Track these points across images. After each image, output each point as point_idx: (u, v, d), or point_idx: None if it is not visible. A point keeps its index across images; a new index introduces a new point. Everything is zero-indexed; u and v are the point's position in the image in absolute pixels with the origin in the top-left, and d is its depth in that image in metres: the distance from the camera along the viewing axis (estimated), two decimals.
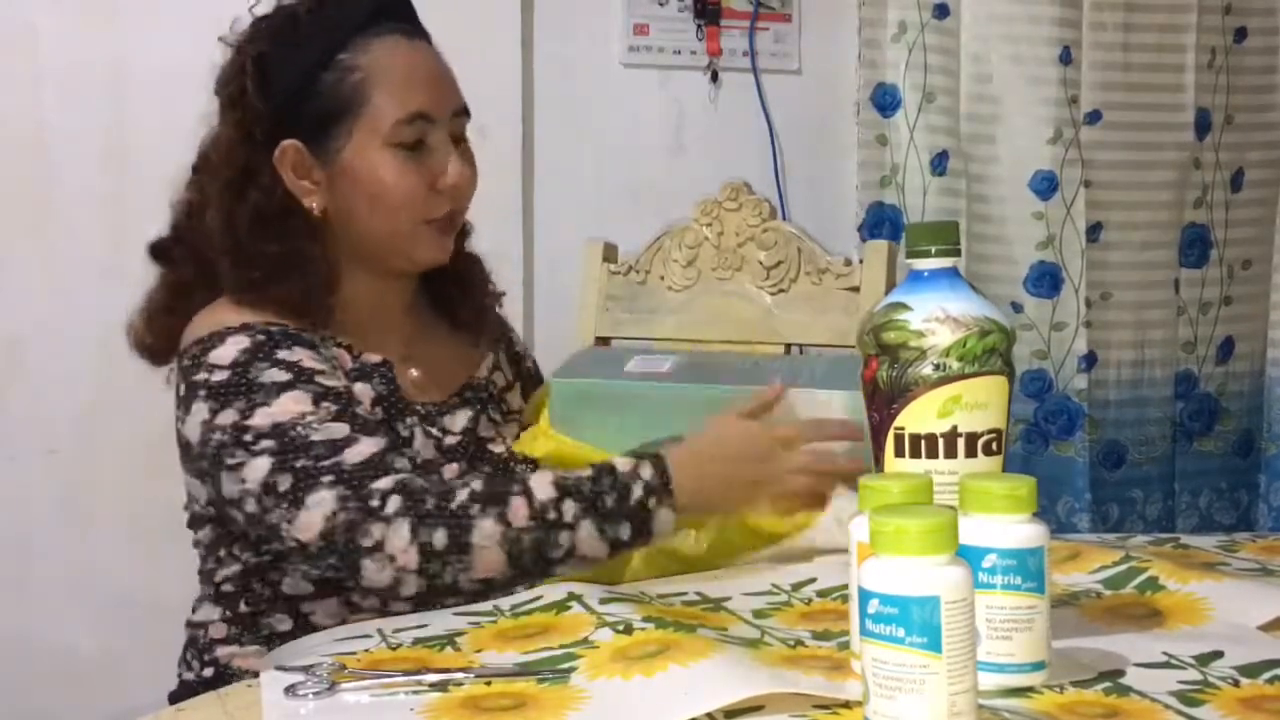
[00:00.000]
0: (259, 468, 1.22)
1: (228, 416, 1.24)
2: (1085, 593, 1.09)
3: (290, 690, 0.92)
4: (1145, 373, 2.60)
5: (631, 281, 1.77)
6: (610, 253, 1.79)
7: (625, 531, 1.22)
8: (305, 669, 0.95)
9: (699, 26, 2.46)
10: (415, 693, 0.91)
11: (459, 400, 1.43)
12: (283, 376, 1.26)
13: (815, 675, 0.88)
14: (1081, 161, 2.49)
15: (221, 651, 1.34)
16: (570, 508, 1.20)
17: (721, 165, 2.22)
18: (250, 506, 1.23)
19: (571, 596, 1.10)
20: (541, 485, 1.21)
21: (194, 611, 1.39)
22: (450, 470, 1.23)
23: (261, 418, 1.23)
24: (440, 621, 1.09)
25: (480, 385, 1.46)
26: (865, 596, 0.76)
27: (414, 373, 1.40)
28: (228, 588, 1.35)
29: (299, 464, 1.20)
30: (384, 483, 1.19)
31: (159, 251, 1.42)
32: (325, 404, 1.25)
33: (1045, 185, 2.49)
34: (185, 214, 1.40)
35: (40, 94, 2.08)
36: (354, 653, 1.01)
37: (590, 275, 1.79)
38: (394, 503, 1.18)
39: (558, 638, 1.01)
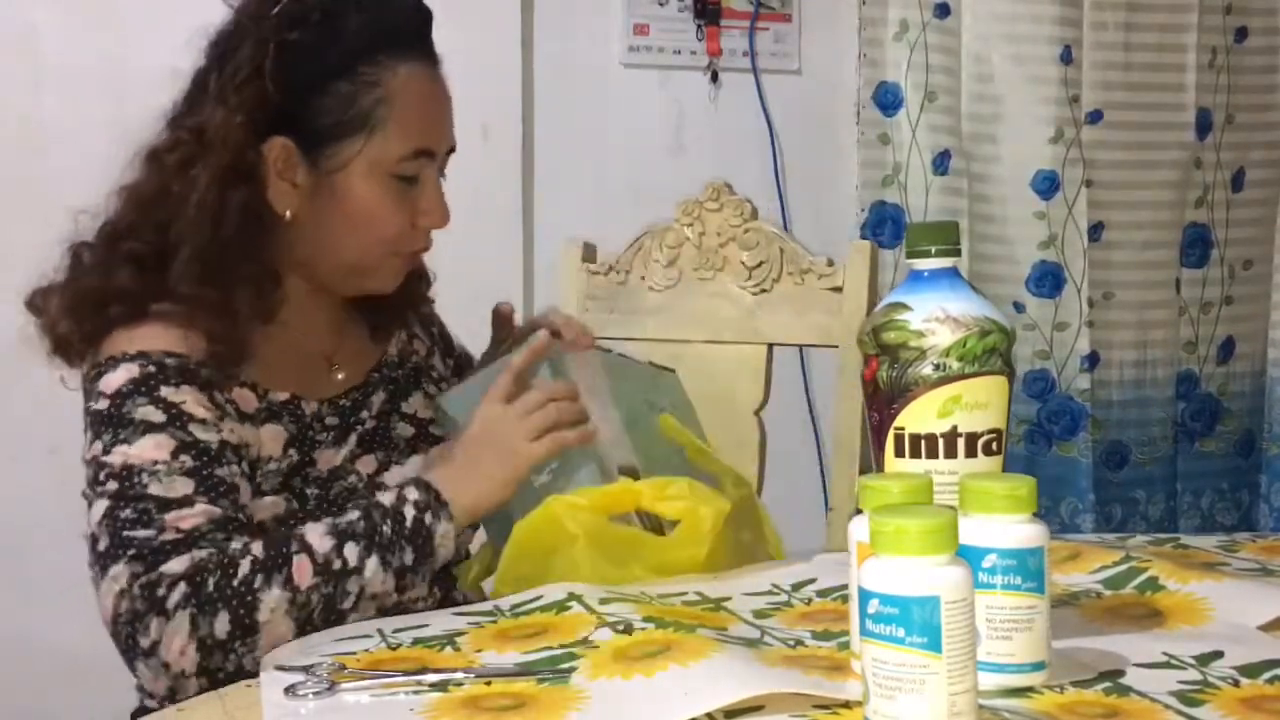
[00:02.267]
0: (98, 511, 1.18)
1: (95, 449, 1.20)
2: (1085, 593, 1.09)
3: (290, 690, 0.92)
4: (1147, 373, 2.60)
5: (612, 282, 1.77)
6: (589, 253, 1.79)
7: (409, 556, 1.18)
8: (305, 669, 0.95)
9: (699, 26, 2.47)
10: (415, 693, 0.91)
11: (375, 381, 1.39)
12: (155, 417, 1.20)
13: (815, 675, 0.88)
14: (1083, 161, 2.49)
15: None
16: (352, 550, 1.16)
17: (721, 165, 2.22)
18: (89, 549, 1.19)
19: (572, 596, 1.10)
20: (318, 538, 1.16)
21: None
22: (238, 541, 1.16)
23: (117, 456, 1.18)
24: (440, 621, 1.09)
25: (393, 364, 1.42)
26: (865, 596, 0.76)
27: (337, 367, 1.37)
28: None
29: (124, 515, 1.16)
30: (177, 566, 1.13)
31: (73, 252, 1.37)
32: (183, 457, 1.18)
33: (1047, 185, 2.49)
34: (133, 205, 1.33)
35: (41, 93, 2.08)
36: (354, 653, 1.01)
37: (569, 275, 1.79)
38: (177, 593, 1.12)
39: (558, 638, 1.01)
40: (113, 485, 1.17)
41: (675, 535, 1.23)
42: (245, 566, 1.14)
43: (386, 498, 1.21)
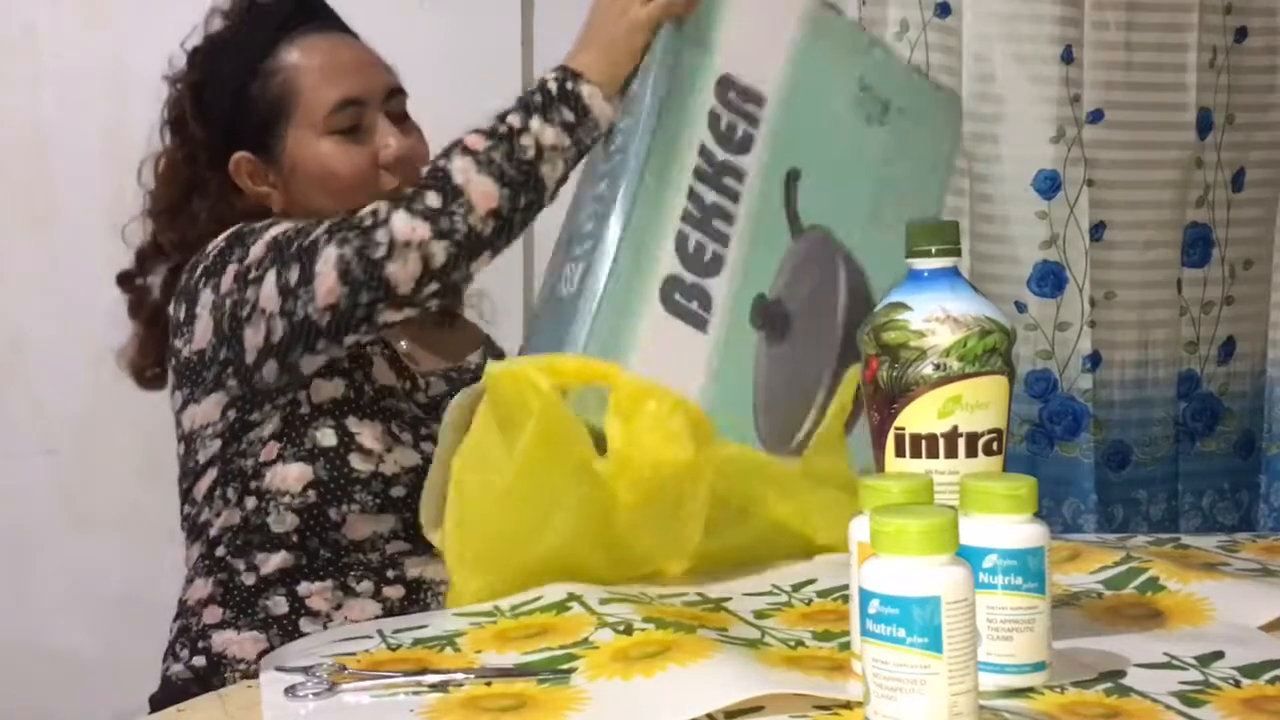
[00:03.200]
0: (269, 283, 1.26)
1: (230, 274, 1.29)
2: (1086, 593, 1.08)
3: (290, 691, 0.92)
4: (1149, 373, 2.59)
5: None
6: None
7: (567, 114, 1.28)
8: (305, 670, 0.95)
9: None
10: (415, 693, 0.91)
11: (445, 376, 1.46)
12: (267, 222, 1.33)
13: (815, 676, 0.88)
14: (1084, 160, 2.48)
15: (217, 638, 1.34)
16: (514, 118, 1.27)
17: None
18: (279, 330, 1.26)
19: (571, 597, 1.10)
20: (478, 126, 1.28)
21: (183, 601, 1.40)
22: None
23: (257, 249, 1.28)
24: (440, 622, 1.09)
25: (467, 370, 1.49)
26: (866, 597, 0.76)
27: (402, 345, 1.44)
28: (220, 550, 1.35)
29: (294, 249, 1.25)
30: (370, 205, 1.24)
31: (123, 280, 1.49)
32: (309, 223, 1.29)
33: (1048, 184, 2.48)
34: (142, 256, 1.49)
35: (40, 94, 2.08)
36: (354, 653, 1.01)
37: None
38: (384, 208, 1.23)
39: (558, 638, 1.01)
40: (269, 257, 1.27)
41: (600, 465, 1.11)
42: (426, 169, 1.29)
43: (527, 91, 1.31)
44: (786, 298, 1.30)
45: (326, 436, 1.34)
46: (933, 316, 0.97)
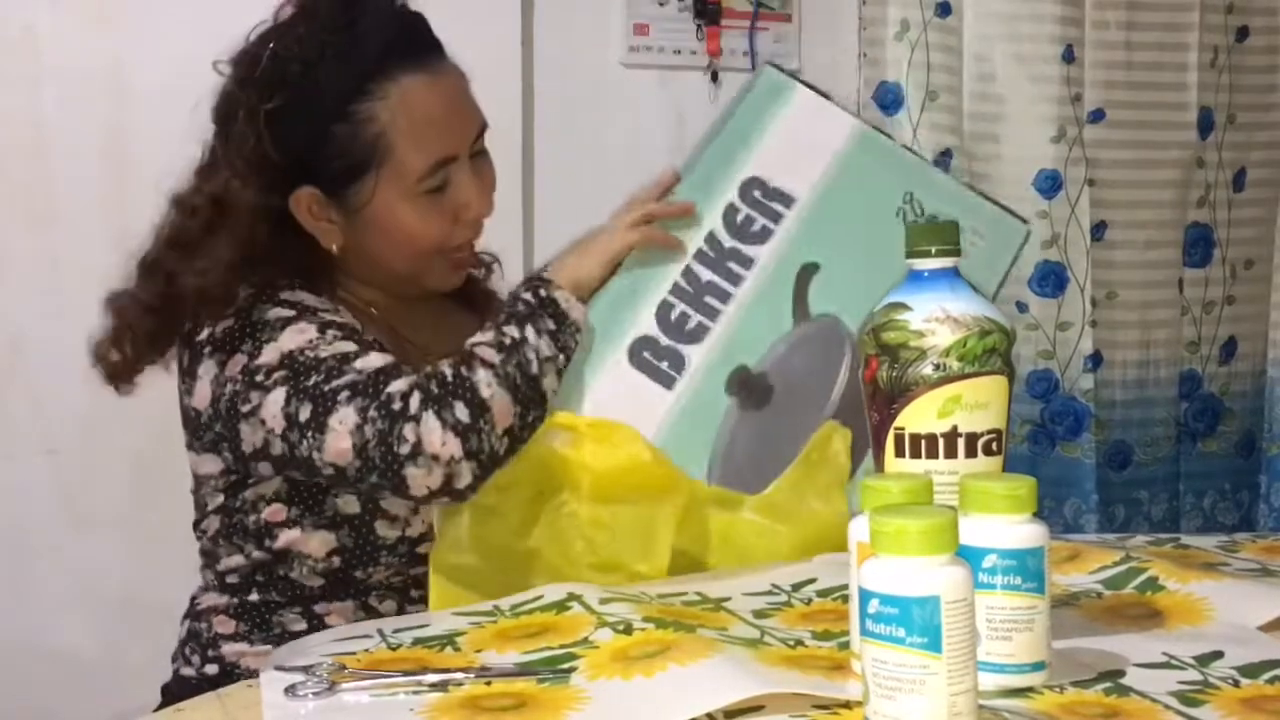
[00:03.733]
0: (275, 401, 1.22)
1: (237, 363, 1.25)
2: (1086, 593, 1.08)
3: (290, 690, 0.92)
4: (1150, 373, 2.59)
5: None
6: None
7: (549, 322, 1.26)
8: (305, 669, 0.95)
9: (699, 26, 2.46)
10: (415, 693, 0.91)
11: None
12: (287, 313, 1.27)
13: (815, 675, 0.88)
14: (1085, 160, 2.49)
15: (229, 649, 1.33)
16: (510, 328, 1.25)
17: None
18: (277, 449, 1.24)
19: (571, 596, 1.10)
20: (478, 337, 1.26)
21: (195, 602, 1.38)
22: (425, 367, 1.25)
23: (269, 353, 1.24)
24: (440, 621, 1.09)
25: None
26: (865, 596, 0.76)
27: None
28: (233, 579, 1.34)
29: (312, 383, 1.21)
30: (399, 384, 1.20)
31: (144, 268, 1.37)
32: (330, 331, 1.25)
33: (1049, 184, 2.49)
34: (166, 245, 1.35)
35: (40, 94, 2.08)
36: (354, 653, 1.01)
37: None
38: (415, 399, 1.19)
39: (558, 638, 1.01)
40: (281, 374, 1.23)
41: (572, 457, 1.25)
42: (447, 368, 1.22)
43: (507, 300, 1.31)
44: (773, 372, 1.32)
45: (349, 504, 1.30)
46: (933, 316, 0.97)
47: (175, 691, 1.33)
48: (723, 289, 1.33)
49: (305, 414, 1.20)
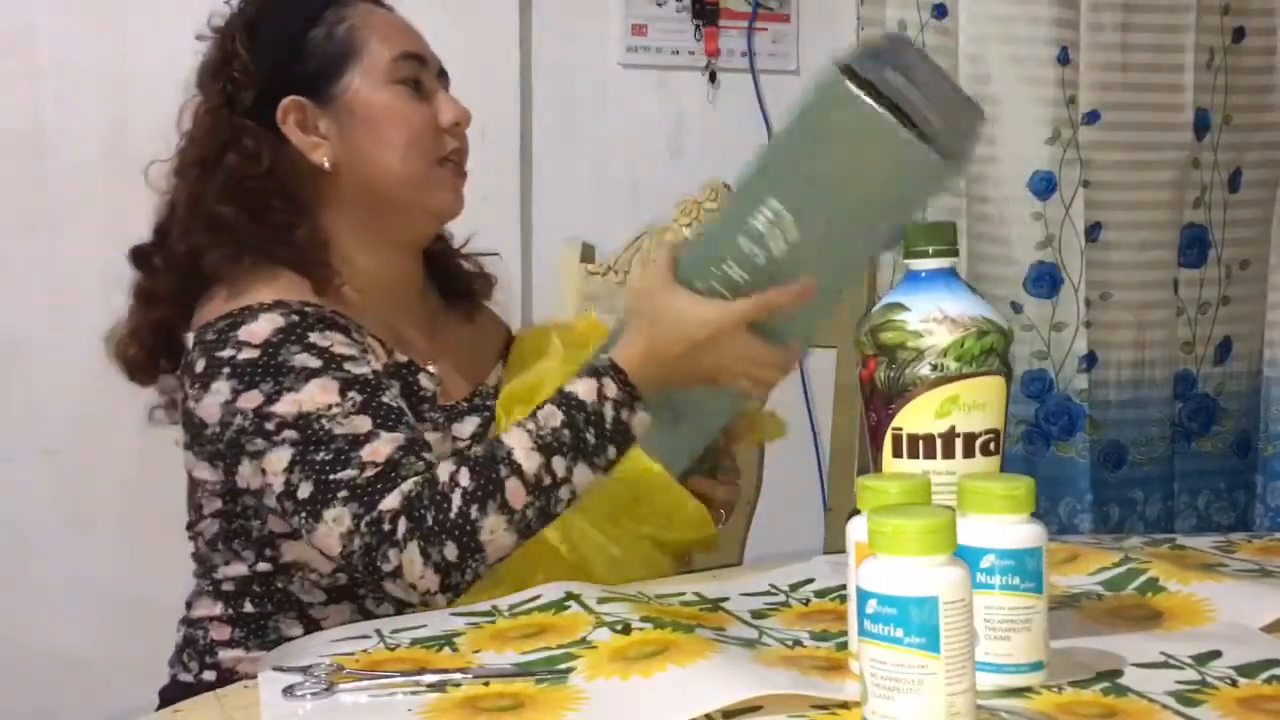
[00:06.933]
0: (280, 460, 1.22)
1: (251, 399, 1.23)
2: (1086, 595, 1.09)
3: (288, 691, 0.92)
4: (1145, 373, 2.60)
5: (610, 282, 1.77)
6: (588, 253, 1.80)
7: (612, 452, 1.24)
8: (303, 669, 0.95)
9: (697, 27, 2.46)
10: (413, 693, 0.91)
11: (468, 406, 1.42)
12: (313, 363, 1.25)
13: (813, 675, 0.88)
14: (1080, 161, 2.49)
15: (225, 655, 1.33)
16: (560, 464, 1.20)
17: (720, 166, 2.20)
18: (271, 501, 1.24)
19: (570, 596, 1.10)
20: (525, 453, 1.20)
21: (190, 607, 1.38)
22: (444, 471, 1.21)
23: (287, 404, 1.22)
24: (438, 622, 1.09)
25: (489, 394, 1.45)
26: (863, 597, 0.76)
27: (432, 369, 1.39)
28: (228, 587, 1.34)
29: (319, 460, 1.20)
30: (392, 501, 1.19)
31: (139, 256, 1.40)
32: (351, 394, 1.24)
33: (1044, 185, 2.49)
34: (168, 214, 1.39)
35: (40, 94, 2.08)
36: (352, 653, 1.01)
37: (567, 276, 1.79)
38: (402, 526, 1.18)
39: (556, 638, 1.01)
40: (292, 434, 1.22)
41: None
42: (457, 499, 1.19)
43: (585, 391, 1.24)
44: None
45: None
46: (930, 317, 0.97)
47: (172, 697, 1.33)
48: None
49: (304, 493, 1.20)
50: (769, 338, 1.26)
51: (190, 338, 1.31)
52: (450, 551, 1.18)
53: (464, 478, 1.19)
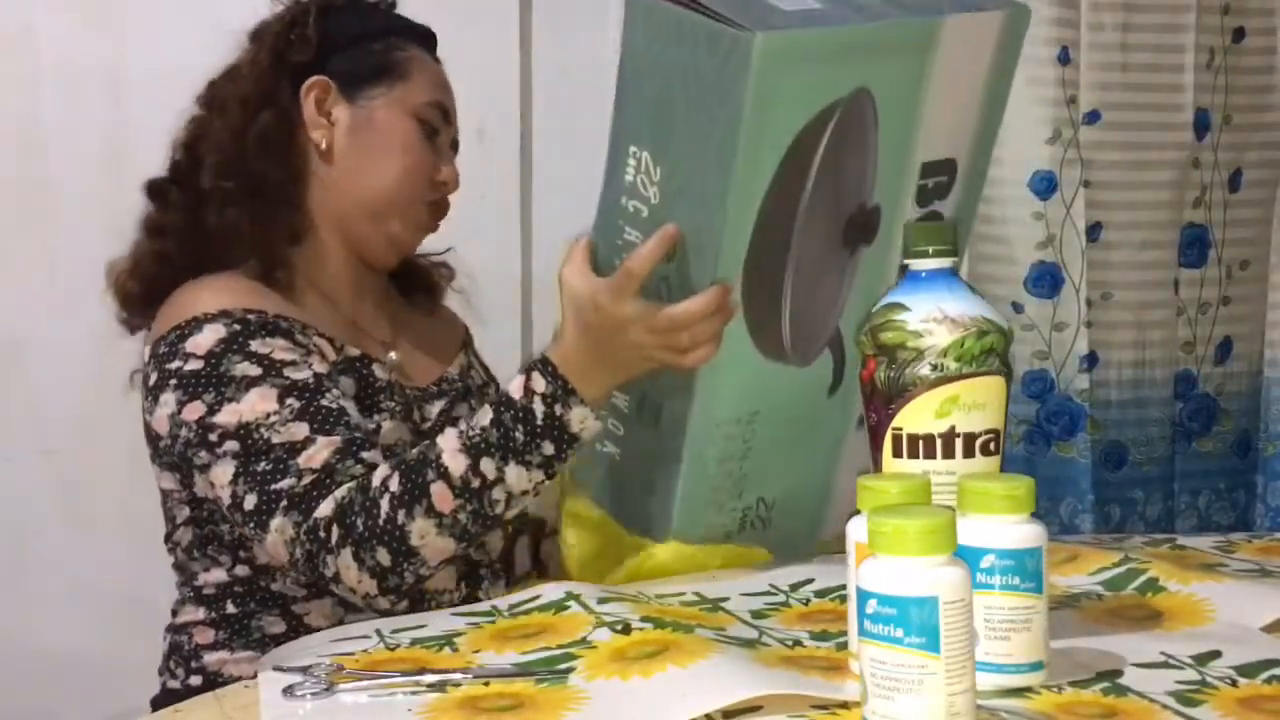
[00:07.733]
0: (225, 473, 1.24)
1: (194, 410, 1.25)
2: (1086, 595, 1.09)
3: (288, 691, 0.92)
4: (1146, 373, 2.59)
5: None
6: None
7: (549, 449, 1.19)
8: (303, 670, 0.95)
9: None
10: (413, 693, 0.91)
11: (436, 391, 1.45)
12: (253, 371, 1.26)
13: (813, 675, 0.88)
14: (1081, 161, 2.48)
15: (210, 658, 1.33)
16: (488, 465, 1.18)
17: None
18: (225, 509, 1.27)
19: (570, 596, 1.10)
20: (452, 455, 1.19)
21: (174, 615, 1.39)
22: (378, 476, 1.20)
23: (228, 415, 1.24)
24: (438, 622, 1.09)
25: (453, 380, 1.49)
26: (863, 597, 0.76)
27: (394, 355, 1.43)
28: (210, 591, 1.35)
29: (260, 471, 1.22)
30: (326, 509, 1.20)
31: (155, 190, 1.43)
32: (289, 400, 1.24)
33: (1044, 185, 2.48)
34: (185, 150, 1.42)
35: (40, 94, 2.08)
36: (352, 653, 1.01)
37: None
38: (335, 533, 1.20)
39: (556, 638, 1.01)
40: (233, 445, 1.24)
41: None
42: (385, 504, 1.19)
43: (514, 388, 1.21)
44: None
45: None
46: (930, 317, 0.97)
47: (162, 705, 1.33)
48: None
49: (250, 504, 1.23)
50: (677, 296, 1.15)
51: (146, 351, 1.34)
52: (383, 557, 1.19)
53: (394, 483, 1.19)
